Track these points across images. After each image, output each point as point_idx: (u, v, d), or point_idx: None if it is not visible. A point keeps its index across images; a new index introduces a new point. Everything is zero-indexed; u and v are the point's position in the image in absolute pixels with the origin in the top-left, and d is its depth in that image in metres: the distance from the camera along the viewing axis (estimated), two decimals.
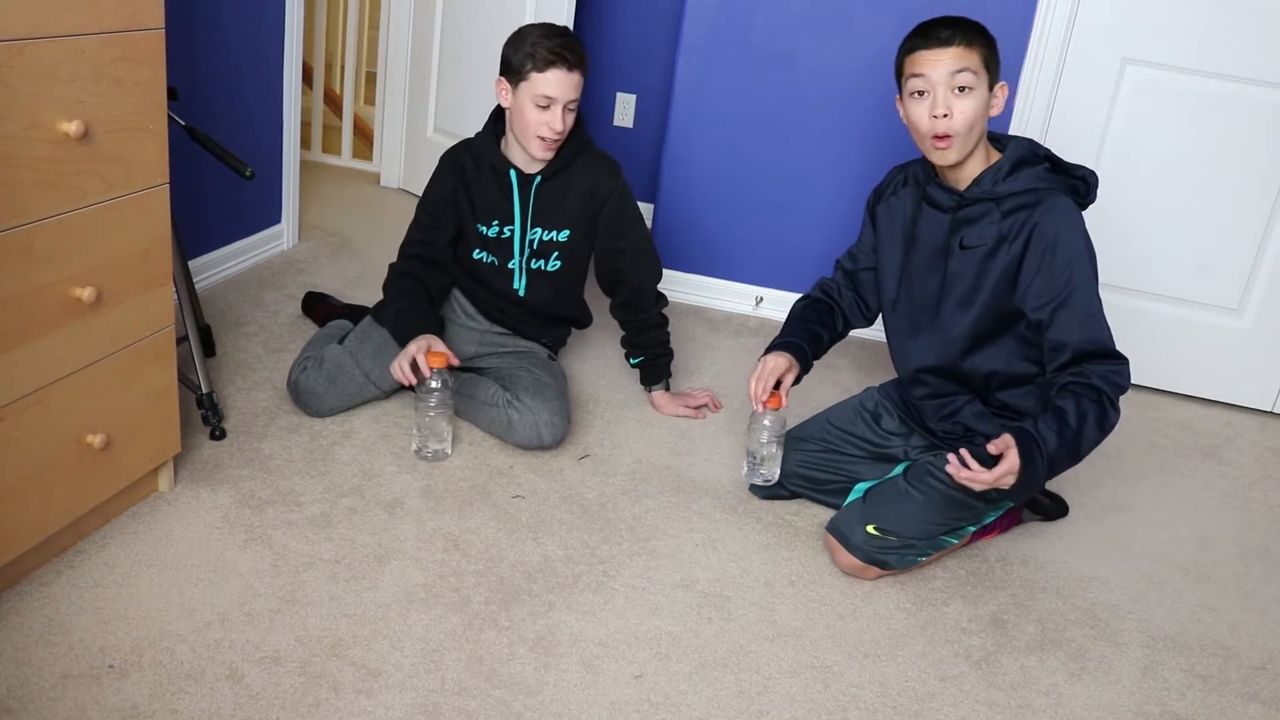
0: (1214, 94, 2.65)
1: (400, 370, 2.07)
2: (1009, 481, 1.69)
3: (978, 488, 1.72)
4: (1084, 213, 1.85)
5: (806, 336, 2.08)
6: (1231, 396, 2.88)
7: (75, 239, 1.54)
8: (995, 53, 1.83)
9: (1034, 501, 2.16)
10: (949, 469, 1.73)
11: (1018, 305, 1.84)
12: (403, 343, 2.12)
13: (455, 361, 2.10)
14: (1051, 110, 2.77)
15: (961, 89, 1.78)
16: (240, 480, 1.99)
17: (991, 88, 1.82)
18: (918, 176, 1.98)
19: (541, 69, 2.08)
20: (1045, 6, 2.72)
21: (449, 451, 2.16)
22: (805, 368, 2.06)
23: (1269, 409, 2.87)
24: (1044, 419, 1.73)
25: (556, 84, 2.08)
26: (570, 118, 2.14)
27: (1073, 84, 2.74)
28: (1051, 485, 2.25)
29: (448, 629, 1.68)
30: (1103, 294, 1.85)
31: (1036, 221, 1.79)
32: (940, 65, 1.79)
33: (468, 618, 1.71)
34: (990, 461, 1.72)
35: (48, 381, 1.55)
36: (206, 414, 2.09)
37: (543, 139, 2.13)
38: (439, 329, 2.18)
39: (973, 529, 1.98)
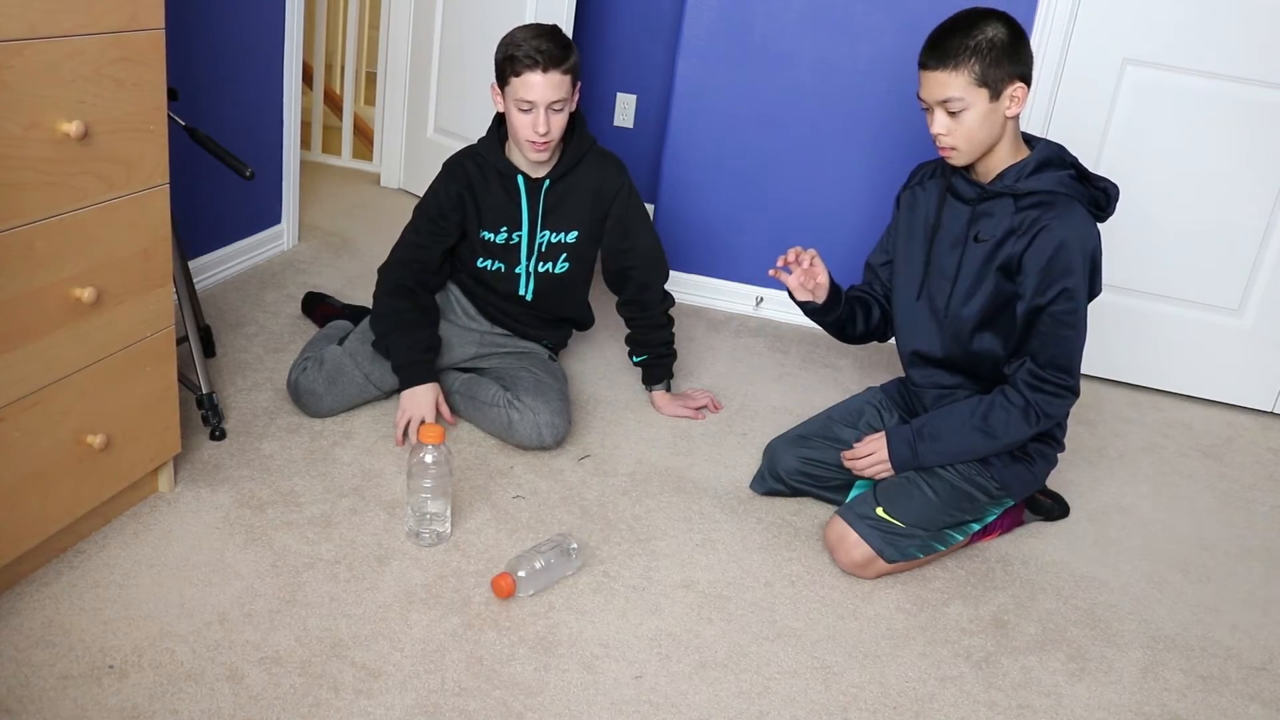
0: (1214, 94, 2.65)
1: (399, 436, 2.16)
2: (879, 449, 1.97)
3: (865, 467, 1.99)
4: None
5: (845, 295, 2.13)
6: (1232, 397, 2.88)
7: (75, 239, 1.54)
8: (1003, 57, 1.76)
9: (1035, 502, 2.16)
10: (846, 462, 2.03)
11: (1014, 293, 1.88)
12: (404, 386, 2.17)
13: (451, 421, 2.22)
14: (1052, 110, 2.77)
15: (952, 113, 1.80)
16: (240, 481, 1.99)
17: (998, 95, 1.78)
18: (945, 168, 1.98)
19: (519, 72, 2.04)
20: (1045, 6, 2.72)
21: (449, 532, 1.91)
22: (835, 298, 2.08)
23: (1269, 409, 2.87)
24: (934, 412, 1.98)
25: (533, 86, 2.04)
26: (559, 119, 2.09)
27: (1073, 84, 2.74)
28: (1052, 486, 2.25)
29: (448, 629, 1.68)
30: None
31: (1046, 224, 1.81)
32: (927, 89, 1.82)
33: (468, 618, 1.71)
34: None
35: (48, 381, 1.55)
36: (206, 414, 2.09)
37: (531, 142, 2.10)
38: (437, 362, 2.23)
39: (976, 527, 1.99)
